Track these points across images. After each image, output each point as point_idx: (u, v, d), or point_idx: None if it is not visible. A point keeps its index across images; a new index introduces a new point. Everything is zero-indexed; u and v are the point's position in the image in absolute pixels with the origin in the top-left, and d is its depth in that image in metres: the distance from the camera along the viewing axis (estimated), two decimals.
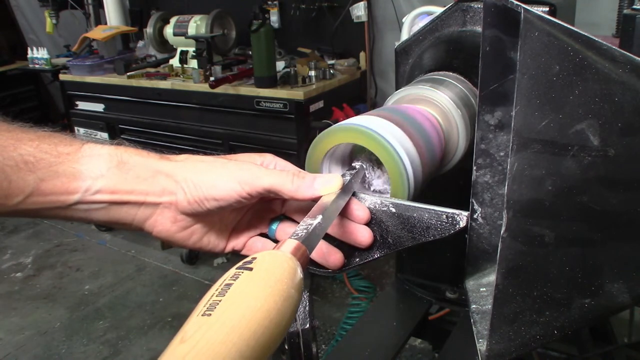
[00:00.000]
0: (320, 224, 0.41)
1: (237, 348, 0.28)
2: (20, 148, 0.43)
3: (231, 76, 2.39)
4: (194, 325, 0.29)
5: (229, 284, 0.31)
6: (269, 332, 0.30)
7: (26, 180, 0.43)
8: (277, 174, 0.46)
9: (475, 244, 0.55)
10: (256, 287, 0.32)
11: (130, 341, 2.26)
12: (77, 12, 3.26)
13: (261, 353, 0.30)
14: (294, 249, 0.36)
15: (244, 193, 0.46)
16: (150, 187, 0.47)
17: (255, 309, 0.30)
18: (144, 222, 0.48)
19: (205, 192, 0.46)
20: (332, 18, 2.71)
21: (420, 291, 1.07)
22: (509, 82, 0.49)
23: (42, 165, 0.43)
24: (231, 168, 0.47)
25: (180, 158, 0.49)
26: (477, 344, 0.49)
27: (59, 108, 3.98)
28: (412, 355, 2.05)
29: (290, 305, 0.33)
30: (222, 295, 0.31)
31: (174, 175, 0.47)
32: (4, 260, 2.97)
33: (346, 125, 0.51)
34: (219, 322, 0.29)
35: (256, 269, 0.33)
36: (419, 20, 1.04)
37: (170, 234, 0.49)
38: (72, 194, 0.45)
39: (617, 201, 0.42)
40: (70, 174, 0.44)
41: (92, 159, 0.46)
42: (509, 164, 0.42)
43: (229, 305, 0.30)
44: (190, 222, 0.49)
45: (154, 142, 2.75)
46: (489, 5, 0.45)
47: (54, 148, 0.45)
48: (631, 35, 0.70)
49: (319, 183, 0.47)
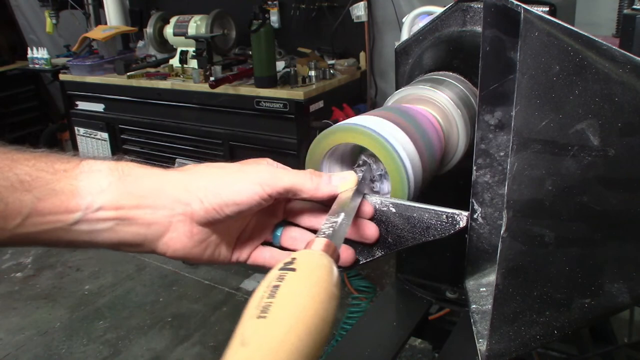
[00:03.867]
0: (344, 220, 0.42)
1: (296, 348, 0.29)
2: (16, 168, 0.41)
3: (231, 76, 2.39)
4: (252, 328, 0.30)
5: (276, 286, 0.32)
6: (321, 330, 0.31)
7: (23, 201, 0.40)
8: (296, 174, 0.46)
9: (475, 244, 0.55)
10: (304, 287, 0.32)
11: (130, 341, 2.26)
12: (77, 12, 3.26)
13: (316, 351, 0.31)
14: (325, 246, 0.37)
15: (265, 195, 0.44)
16: (159, 200, 0.43)
17: (306, 309, 0.31)
18: (156, 241, 0.45)
19: (226, 197, 0.44)
20: (332, 18, 2.71)
21: (420, 291, 1.07)
22: (509, 82, 0.49)
23: (39, 183, 0.41)
24: (249, 171, 0.45)
25: (187, 168, 0.47)
26: (477, 344, 0.49)
27: (59, 108, 3.98)
28: (412, 355, 2.05)
29: (335, 303, 0.33)
30: (272, 297, 0.31)
31: (187, 184, 0.44)
32: (4, 260, 2.97)
33: (346, 125, 0.51)
34: (276, 323, 0.30)
35: (299, 269, 0.34)
36: (419, 20, 1.04)
37: (187, 251, 0.46)
38: (73, 212, 0.42)
39: (617, 201, 0.42)
40: (68, 191, 0.42)
41: (91, 174, 0.43)
42: (509, 164, 0.42)
43: (282, 307, 0.31)
44: (205, 234, 0.46)
45: (154, 142, 2.75)
46: (489, 5, 0.45)
47: (50, 165, 0.42)
48: (631, 35, 0.70)
49: (336, 180, 0.47)
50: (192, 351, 2.18)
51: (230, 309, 2.41)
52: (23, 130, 3.84)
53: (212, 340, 2.23)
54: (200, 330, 2.29)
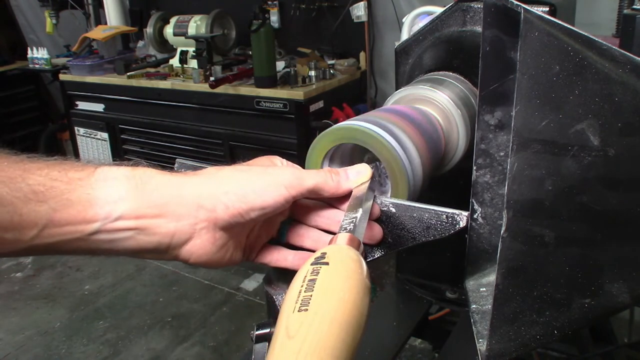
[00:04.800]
0: (362, 216, 0.43)
1: (341, 338, 0.31)
2: (29, 178, 0.39)
3: (231, 76, 2.39)
4: (296, 321, 0.31)
5: (312, 279, 0.33)
6: (359, 320, 0.33)
7: (38, 212, 0.39)
8: (317, 173, 0.46)
9: (475, 244, 0.55)
10: (340, 280, 0.33)
11: (130, 341, 2.26)
12: (77, 12, 3.27)
13: (356, 341, 0.32)
14: (350, 241, 0.38)
15: (290, 197, 0.44)
16: (181, 207, 0.42)
17: (345, 301, 0.32)
18: (179, 248, 0.43)
19: (252, 201, 0.43)
20: (332, 18, 2.71)
21: (420, 291, 1.07)
22: (509, 82, 0.49)
23: (53, 194, 0.40)
24: (273, 173, 0.45)
25: (206, 172, 0.46)
26: (477, 344, 0.49)
27: (59, 108, 3.97)
28: (412, 355, 2.05)
29: (368, 294, 0.35)
30: (310, 290, 0.32)
31: (210, 189, 0.43)
32: (4, 260, 2.97)
33: (346, 125, 0.51)
34: (319, 315, 0.31)
35: (332, 263, 0.35)
36: (419, 20, 1.04)
37: (209, 256, 0.45)
38: (91, 222, 0.40)
39: (617, 201, 0.42)
40: (85, 201, 0.40)
41: (107, 182, 0.41)
42: (509, 164, 0.42)
43: (322, 299, 0.32)
44: (226, 238, 0.45)
45: (154, 142, 2.75)
46: (489, 5, 0.45)
47: (64, 174, 0.40)
48: (631, 35, 0.70)
49: (352, 174, 0.47)
50: (192, 351, 2.18)
51: (230, 309, 2.41)
52: (23, 130, 3.84)
53: (212, 340, 2.23)
54: (200, 330, 2.29)
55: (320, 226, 0.50)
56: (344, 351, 0.31)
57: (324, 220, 0.50)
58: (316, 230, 0.50)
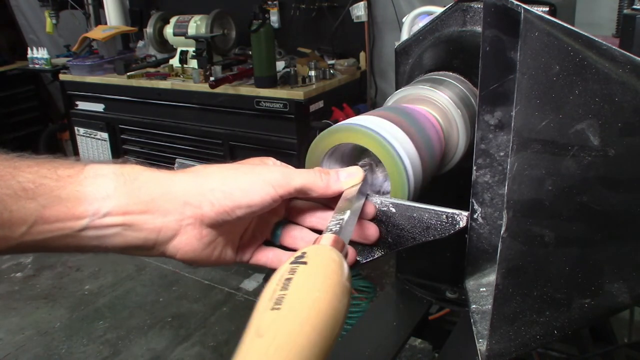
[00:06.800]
0: (350, 218, 0.43)
1: (312, 339, 0.30)
2: (19, 175, 0.40)
3: (231, 76, 2.39)
4: (267, 319, 0.30)
5: (289, 278, 0.32)
6: (334, 321, 0.32)
7: (27, 209, 0.39)
8: (307, 173, 0.45)
9: (475, 244, 0.55)
10: (316, 280, 0.33)
11: (130, 341, 2.26)
12: (77, 12, 3.27)
13: (330, 342, 0.31)
14: (334, 242, 0.38)
15: (277, 196, 0.44)
16: (168, 204, 0.43)
17: (320, 301, 0.32)
18: (166, 244, 0.44)
19: (238, 199, 0.43)
20: (332, 18, 2.71)
21: (420, 291, 1.07)
22: (509, 82, 0.49)
23: (43, 191, 0.40)
24: (261, 172, 0.45)
25: (194, 169, 0.46)
26: (477, 344, 0.49)
27: (59, 108, 3.98)
28: (412, 355, 2.05)
29: (347, 296, 0.34)
30: (285, 289, 0.32)
31: (197, 186, 0.43)
32: (4, 260, 2.97)
33: (346, 125, 0.51)
34: (291, 314, 0.30)
35: (310, 262, 0.34)
36: (419, 20, 1.04)
37: (196, 253, 0.45)
38: (79, 219, 0.41)
39: (617, 201, 0.42)
40: (74, 198, 0.41)
41: (96, 179, 0.42)
42: (509, 164, 0.42)
43: (295, 299, 0.31)
44: (213, 235, 0.45)
45: (154, 142, 2.75)
46: (489, 5, 0.45)
47: (53, 172, 0.41)
48: (631, 35, 0.70)
49: (343, 176, 0.47)
50: (192, 351, 2.18)
51: (230, 309, 2.41)
52: (23, 130, 3.84)
53: (212, 340, 2.23)
54: (200, 330, 2.29)
55: (315, 227, 0.50)
56: (315, 352, 0.30)
57: (318, 221, 0.50)
58: (310, 232, 0.50)
